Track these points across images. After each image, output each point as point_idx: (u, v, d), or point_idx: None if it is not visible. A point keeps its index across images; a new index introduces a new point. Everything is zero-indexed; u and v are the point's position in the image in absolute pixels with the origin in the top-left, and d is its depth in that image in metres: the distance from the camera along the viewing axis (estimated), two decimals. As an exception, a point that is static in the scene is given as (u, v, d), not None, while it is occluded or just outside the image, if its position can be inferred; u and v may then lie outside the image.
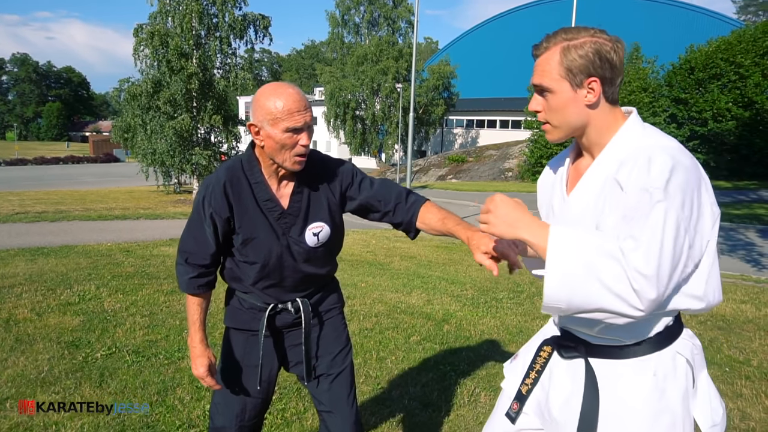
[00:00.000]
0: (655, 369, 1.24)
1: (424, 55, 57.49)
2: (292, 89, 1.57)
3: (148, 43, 16.28)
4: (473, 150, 37.72)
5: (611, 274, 1.06)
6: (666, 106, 23.06)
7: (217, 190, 1.65)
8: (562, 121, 1.25)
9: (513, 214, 1.19)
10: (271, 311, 1.77)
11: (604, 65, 1.18)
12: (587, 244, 1.09)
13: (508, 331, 4.36)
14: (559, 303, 1.11)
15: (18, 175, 33.58)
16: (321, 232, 1.74)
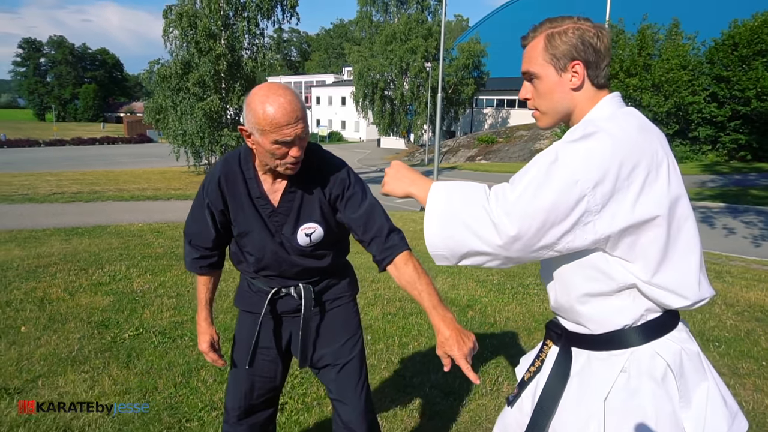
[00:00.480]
0: (627, 365, 1.19)
1: (453, 33, 56.51)
2: (284, 97, 1.46)
3: (177, 24, 16.40)
4: (503, 130, 37.09)
5: (472, 214, 1.12)
6: (706, 84, 22.11)
7: (213, 182, 1.67)
8: (549, 106, 1.26)
9: (403, 174, 1.30)
10: (274, 295, 1.78)
11: (587, 49, 1.20)
12: (459, 192, 1.17)
13: (534, 318, 4.28)
14: (440, 250, 1.18)
15: (57, 156, 34.66)
16: (314, 234, 1.70)
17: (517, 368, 1.55)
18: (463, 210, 1.13)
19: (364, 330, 3.87)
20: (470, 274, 5.72)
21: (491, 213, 1.10)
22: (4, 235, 7.24)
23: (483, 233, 1.10)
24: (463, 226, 1.13)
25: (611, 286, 1.17)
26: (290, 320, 1.84)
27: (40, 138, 49.71)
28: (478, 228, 1.11)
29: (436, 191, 1.20)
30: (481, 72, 38.72)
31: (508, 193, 1.10)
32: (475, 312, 4.42)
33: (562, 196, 1.05)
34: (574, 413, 1.23)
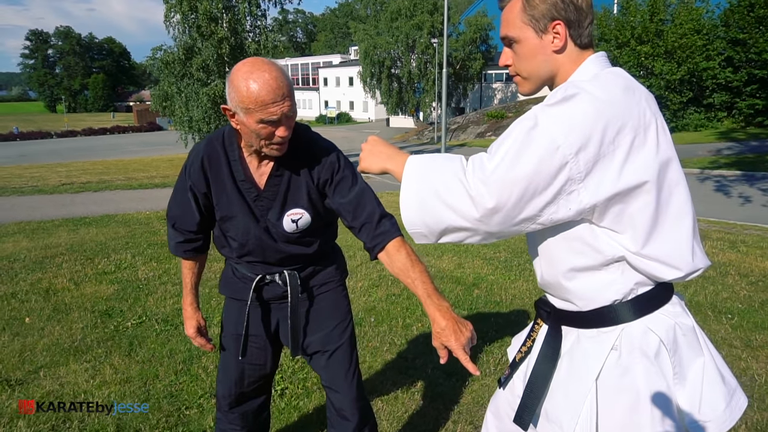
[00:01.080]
0: (617, 342, 1.12)
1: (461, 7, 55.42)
2: (269, 73, 1.37)
3: (177, 8, 16.23)
4: (513, 105, 36.52)
5: (448, 187, 1.04)
6: (721, 48, 21.46)
7: (195, 164, 1.60)
8: (531, 70, 1.18)
9: (379, 149, 1.23)
10: (259, 282, 1.72)
11: (567, 7, 1.12)
12: (434, 165, 1.09)
13: (540, 295, 4.20)
14: (417, 228, 1.12)
15: (68, 146, 34.94)
16: (300, 220, 1.62)
17: (509, 349, 1.50)
18: (438, 183, 1.06)
19: (368, 312, 3.86)
20: (477, 251, 5.64)
21: (467, 185, 1.02)
22: (13, 227, 7.29)
23: (459, 207, 1.03)
24: (439, 200, 1.05)
25: (598, 259, 1.10)
26: (277, 307, 1.79)
27: (51, 129, 50.12)
28: (454, 201, 1.03)
29: (411, 165, 1.12)
30: (489, 46, 38.05)
31: (485, 162, 1.03)
32: (481, 290, 4.35)
33: (542, 163, 0.98)
34: (566, 394, 1.17)
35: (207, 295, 4.17)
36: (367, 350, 3.23)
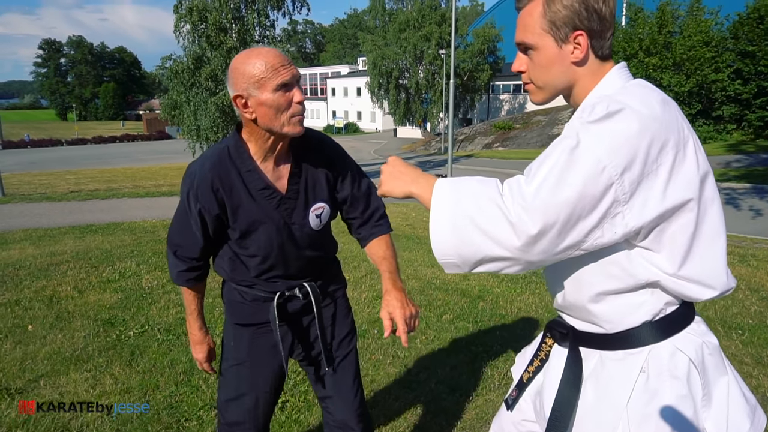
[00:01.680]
0: (645, 365, 1.06)
1: (469, 18, 55.73)
2: (266, 48, 1.44)
3: (187, 18, 16.41)
4: (520, 116, 36.54)
5: (487, 217, 0.96)
6: (730, 60, 21.38)
7: (203, 186, 1.50)
8: (546, 80, 1.12)
9: (401, 171, 1.15)
10: (279, 299, 1.66)
11: (591, 16, 1.05)
12: (467, 190, 1.01)
13: (547, 308, 4.15)
14: (450, 258, 1.03)
15: (78, 154, 35.27)
16: (323, 213, 1.63)
17: (513, 368, 1.45)
18: (473, 209, 0.97)
19: (371, 323, 3.82)
20: (483, 263, 5.59)
21: (507, 211, 0.94)
22: (20, 234, 7.32)
23: (499, 235, 0.94)
24: (475, 228, 0.96)
25: (630, 282, 1.05)
26: (293, 323, 1.74)
27: (62, 137, 50.70)
28: (493, 229, 0.95)
29: (441, 190, 1.03)
30: (496, 57, 38.14)
31: (524, 186, 0.95)
32: (486, 303, 4.30)
33: (587, 185, 0.91)
34: (597, 422, 1.10)
35: (210, 305, 4.15)
36: (369, 363, 3.19)
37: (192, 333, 1.75)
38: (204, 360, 1.77)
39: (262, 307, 1.67)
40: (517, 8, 1.14)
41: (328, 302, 1.77)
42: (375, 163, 28.35)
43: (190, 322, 1.74)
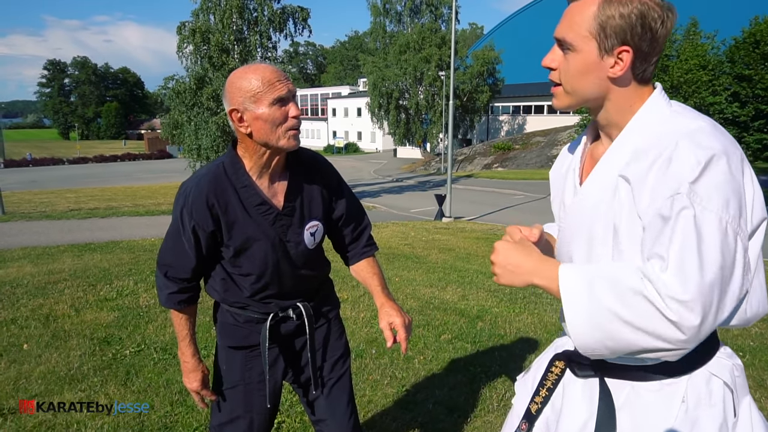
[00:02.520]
0: (685, 394, 1.04)
1: (468, 41, 56.46)
2: (263, 64, 1.46)
3: (190, 40, 16.65)
4: (520, 137, 36.79)
5: (638, 313, 0.90)
6: (727, 83, 21.62)
7: (199, 202, 1.48)
8: (577, 87, 1.05)
9: (515, 260, 1.08)
10: (271, 321, 1.63)
11: (644, 35, 0.97)
12: (602, 284, 0.94)
13: (546, 329, 4.12)
14: (597, 351, 0.99)
15: (79, 173, 35.40)
16: (317, 231, 1.62)
17: (515, 399, 1.39)
18: (617, 306, 0.92)
19: (369, 343, 3.79)
20: (481, 283, 5.58)
21: (662, 307, 0.89)
22: (19, 252, 7.31)
23: (658, 331, 0.91)
24: (625, 325, 0.92)
25: None
26: (286, 345, 1.72)
27: (64, 156, 50.94)
28: (650, 326, 0.91)
29: (570, 282, 0.98)
30: (495, 79, 38.56)
31: (665, 276, 0.89)
32: (484, 323, 4.27)
33: (723, 252, 0.89)
34: None
35: (207, 324, 4.12)
36: (367, 383, 3.16)
37: (185, 361, 1.65)
38: (198, 389, 1.68)
39: (255, 329, 1.64)
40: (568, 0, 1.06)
41: (321, 323, 1.75)
42: (375, 183, 28.46)
43: (182, 348, 1.65)
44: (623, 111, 1.05)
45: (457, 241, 9.14)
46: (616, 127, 1.08)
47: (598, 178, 1.08)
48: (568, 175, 1.23)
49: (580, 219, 1.12)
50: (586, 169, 1.18)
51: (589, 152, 1.20)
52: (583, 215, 1.11)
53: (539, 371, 1.33)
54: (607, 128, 1.10)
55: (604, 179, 1.06)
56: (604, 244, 1.06)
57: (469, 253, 7.96)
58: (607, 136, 1.12)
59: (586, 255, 1.10)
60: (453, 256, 7.58)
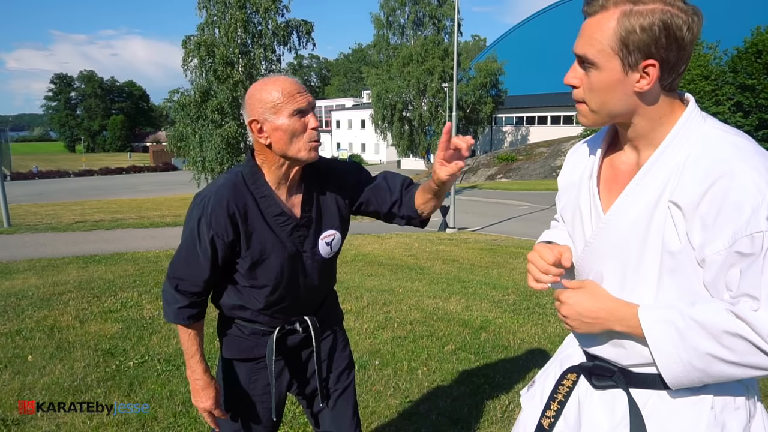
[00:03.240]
0: (713, 400, 1.04)
1: (471, 53, 56.77)
2: (282, 76, 1.47)
3: (195, 53, 16.83)
4: (523, 148, 36.86)
5: (739, 353, 0.93)
6: (730, 93, 21.66)
7: (219, 211, 1.45)
8: (601, 105, 1.02)
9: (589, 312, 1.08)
10: (278, 333, 1.62)
11: (670, 46, 0.93)
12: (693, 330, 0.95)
13: (550, 339, 4.10)
14: (691, 385, 1.01)
15: (85, 185, 35.62)
16: (333, 241, 1.63)
17: (523, 414, 1.36)
18: (716, 349, 0.94)
19: (372, 354, 3.79)
20: (485, 294, 5.57)
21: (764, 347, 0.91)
22: (24, 263, 7.34)
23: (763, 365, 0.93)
24: (728, 365, 0.94)
25: None
26: (292, 357, 1.71)
27: (70, 169, 51.29)
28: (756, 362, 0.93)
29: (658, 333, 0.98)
30: (499, 90, 38.70)
31: (762, 315, 0.90)
32: (488, 334, 4.26)
33: None
34: None
35: (211, 335, 4.12)
36: (370, 394, 3.15)
37: (195, 378, 1.57)
38: (212, 408, 1.59)
39: (261, 341, 1.63)
40: (585, 13, 1.01)
41: (326, 335, 1.75)
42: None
43: (192, 365, 1.57)
44: (653, 123, 1.03)
45: (461, 252, 9.13)
46: (645, 139, 1.05)
47: (636, 197, 1.05)
48: (582, 183, 1.19)
49: (614, 237, 1.08)
50: (604, 178, 1.15)
51: (608, 161, 1.16)
52: (618, 234, 1.08)
53: (547, 384, 1.31)
54: (634, 139, 1.07)
55: (643, 199, 1.03)
56: (645, 265, 1.04)
57: (473, 264, 7.94)
58: (632, 147, 1.09)
59: (621, 275, 1.08)
60: (457, 267, 7.57)
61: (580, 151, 1.26)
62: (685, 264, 1.00)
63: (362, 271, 6.88)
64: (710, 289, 0.98)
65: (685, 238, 0.98)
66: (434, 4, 38.57)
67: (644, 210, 1.03)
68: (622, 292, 1.08)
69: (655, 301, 1.05)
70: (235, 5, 17.27)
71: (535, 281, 1.20)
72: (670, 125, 1.03)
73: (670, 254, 1.01)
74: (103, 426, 2.79)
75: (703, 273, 0.98)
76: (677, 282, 1.02)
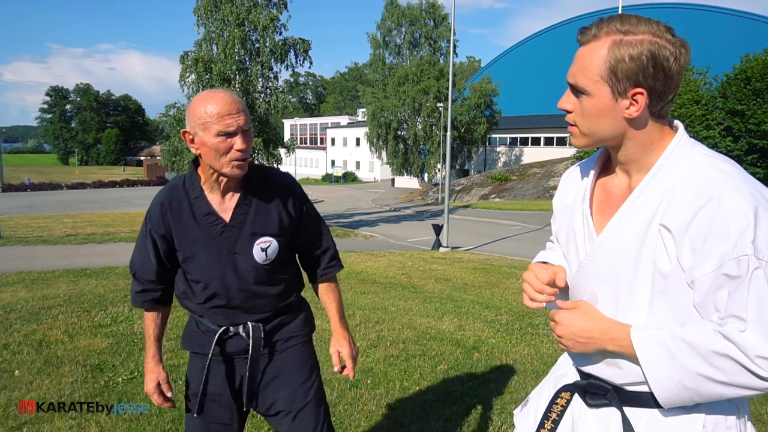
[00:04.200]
0: (705, 419, 1.05)
1: (466, 73, 57.50)
2: (224, 93, 1.52)
3: (193, 69, 16.92)
4: (517, 168, 37.14)
5: (728, 373, 0.95)
6: (720, 118, 22.01)
7: (155, 208, 1.64)
8: (593, 130, 1.07)
9: (582, 332, 1.10)
10: (222, 335, 1.67)
11: (657, 75, 0.97)
12: (684, 351, 0.97)
13: (543, 360, 4.10)
14: (683, 404, 1.03)
15: (77, 198, 35.43)
16: (269, 248, 1.64)
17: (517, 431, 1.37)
18: (706, 369, 0.96)
19: (365, 373, 3.76)
20: (478, 314, 5.56)
21: (753, 367, 0.92)
22: (14, 276, 7.27)
23: (751, 385, 0.95)
24: (717, 384, 0.97)
25: None
26: (241, 362, 1.72)
27: (62, 181, 51.04)
28: (744, 382, 0.95)
29: (649, 355, 1.01)
30: (493, 111, 39.14)
31: (748, 336, 0.92)
32: (481, 354, 4.25)
33: None
34: None
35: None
36: (362, 414, 3.13)
37: (146, 360, 1.74)
38: (153, 392, 1.73)
39: (211, 339, 1.67)
40: (578, 42, 1.06)
41: (281, 348, 1.73)
42: (372, 212, 28.54)
43: (146, 348, 1.73)
44: (644, 148, 1.06)
45: (454, 271, 9.13)
46: (636, 163, 1.08)
47: (628, 219, 1.07)
48: (576, 206, 1.22)
49: (607, 259, 1.11)
50: (597, 200, 1.18)
51: (601, 184, 1.19)
52: (611, 255, 1.10)
53: (541, 402, 1.32)
54: (625, 163, 1.10)
55: (635, 221, 1.06)
56: (637, 286, 1.06)
57: (466, 283, 7.95)
58: (624, 171, 1.12)
59: (614, 295, 1.10)
60: (450, 286, 7.56)
61: (573, 174, 1.29)
62: (676, 285, 1.02)
63: (355, 289, 6.86)
64: (700, 309, 1.00)
65: (676, 260, 1.00)
66: (430, 25, 39.16)
67: (636, 232, 1.05)
68: (615, 312, 1.10)
69: (647, 322, 1.06)
70: (234, 22, 17.45)
71: (529, 300, 1.22)
72: (660, 151, 1.06)
73: (662, 275, 1.03)
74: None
75: (693, 294, 1.00)
76: (669, 303, 1.04)
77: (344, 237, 17.37)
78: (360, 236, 18.21)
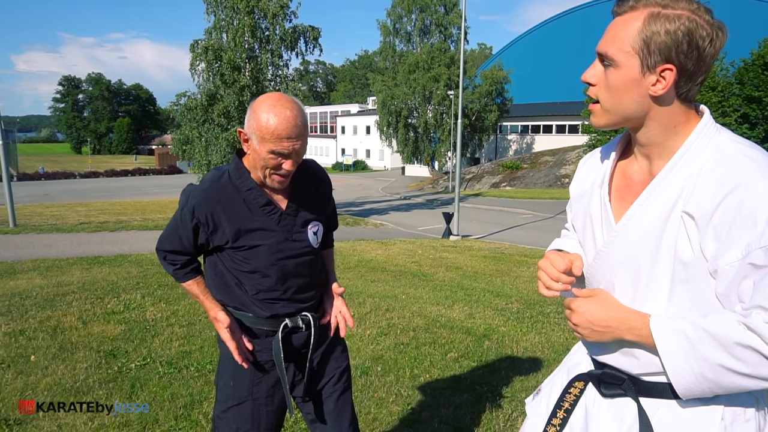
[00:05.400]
0: (723, 411, 1.03)
1: (477, 61, 56.95)
2: (291, 111, 1.47)
3: (203, 57, 16.92)
4: (528, 156, 36.85)
5: (752, 364, 0.92)
6: (737, 105, 21.62)
7: (202, 203, 1.58)
8: (615, 104, 1.02)
9: (599, 321, 1.07)
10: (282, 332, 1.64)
11: (690, 54, 0.94)
12: (705, 342, 0.95)
13: (554, 348, 4.08)
14: (702, 395, 1.00)
15: (90, 187, 35.78)
16: (318, 230, 1.71)
17: (527, 422, 1.35)
18: (728, 361, 0.94)
19: (375, 360, 3.78)
20: (488, 302, 5.55)
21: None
22: (29, 264, 7.37)
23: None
24: (742, 377, 0.94)
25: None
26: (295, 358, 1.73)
27: (76, 170, 51.56)
28: (765, 373, 0.93)
29: (670, 345, 0.98)
30: (504, 98, 38.74)
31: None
32: (491, 342, 4.24)
33: None
34: None
35: (213, 339, 4.12)
36: (372, 401, 3.14)
37: (209, 308, 1.65)
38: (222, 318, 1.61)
39: (266, 344, 1.65)
40: (613, 13, 1.03)
41: (327, 335, 1.78)
42: (383, 200, 28.51)
43: (208, 308, 1.66)
44: (667, 131, 1.03)
45: (465, 259, 9.11)
46: (658, 147, 1.05)
47: (649, 206, 1.04)
48: (594, 192, 1.19)
49: (626, 247, 1.08)
50: (616, 187, 1.15)
51: (620, 170, 1.16)
52: (630, 243, 1.07)
53: (553, 392, 1.31)
54: (646, 147, 1.07)
55: (656, 208, 1.03)
56: (656, 275, 1.04)
57: (476, 271, 7.92)
58: (644, 156, 1.09)
59: (632, 284, 1.08)
60: (460, 275, 7.55)
61: (592, 159, 1.26)
62: (698, 275, 0.99)
63: (365, 277, 6.89)
64: (722, 300, 0.98)
65: (698, 249, 0.97)
66: (441, 12, 38.72)
67: (657, 220, 1.02)
68: (633, 301, 1.08)
69: (666, 311, 1.04)
70: (244, 10, 17.38)
71: (545, 288, 1.19)
72: (685, 135, 1.03)
73: (683, 264, 1.00)
74: (104, 427, 2.78)
75: (716, 284, 0.97)
76: (689, 292, 1.01)
77: (354, 225, 17.39)
78: (370, 224, 18.22)
